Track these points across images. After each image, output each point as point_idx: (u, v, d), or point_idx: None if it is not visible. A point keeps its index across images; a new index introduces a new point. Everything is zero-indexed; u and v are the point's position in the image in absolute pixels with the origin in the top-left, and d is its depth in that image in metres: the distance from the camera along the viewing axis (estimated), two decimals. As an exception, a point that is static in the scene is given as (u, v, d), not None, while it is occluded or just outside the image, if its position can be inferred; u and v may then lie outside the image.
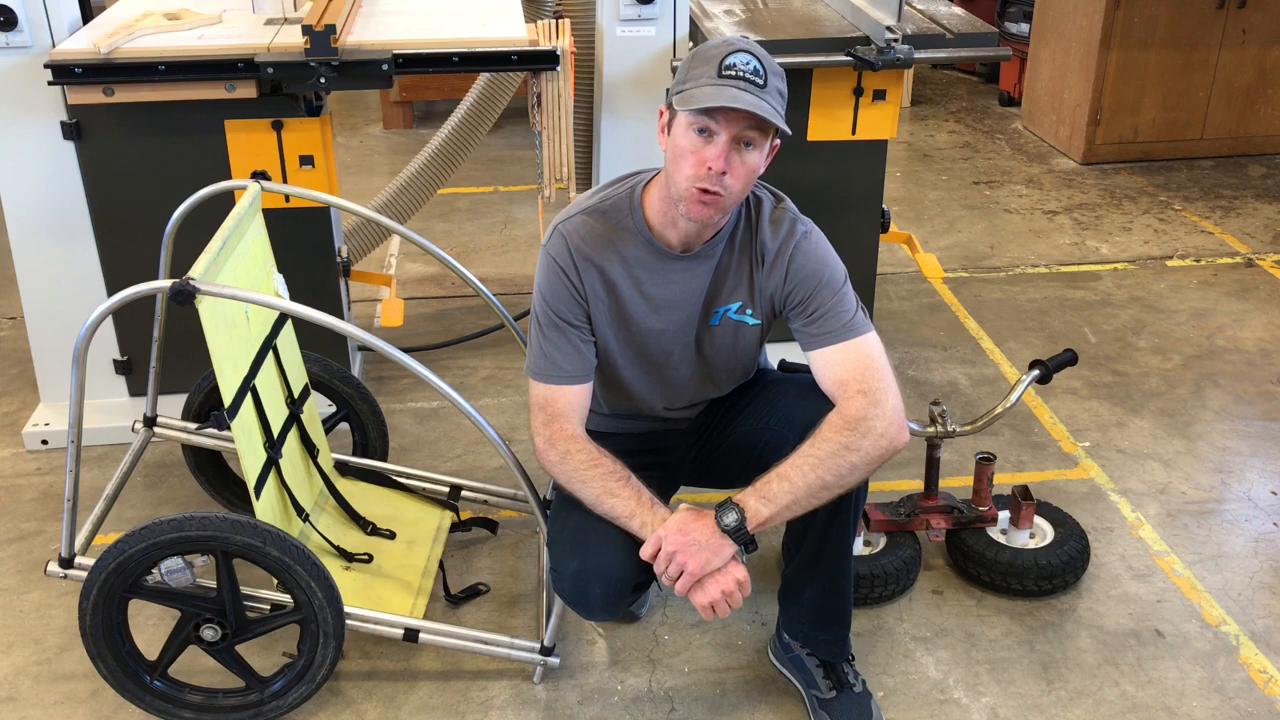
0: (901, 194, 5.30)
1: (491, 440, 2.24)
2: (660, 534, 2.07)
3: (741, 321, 2.27)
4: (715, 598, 2.08)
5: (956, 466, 3.18)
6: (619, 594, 2.18)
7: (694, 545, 2.06)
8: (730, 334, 2.29)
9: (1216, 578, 2.82)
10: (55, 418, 3.33)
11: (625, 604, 2.25)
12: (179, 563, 2.21)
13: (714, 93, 2.00)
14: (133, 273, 2.89)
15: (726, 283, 2.24)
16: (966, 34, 3.34)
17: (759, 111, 1.99)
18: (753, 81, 2.02)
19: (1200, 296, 4.30)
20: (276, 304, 2.31)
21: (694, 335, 2.28)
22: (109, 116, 2.98)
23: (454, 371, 3.74)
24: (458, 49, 2.92)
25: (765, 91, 2.02)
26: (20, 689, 2.49)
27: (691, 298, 2.23)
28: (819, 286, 2.18)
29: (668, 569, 2.07)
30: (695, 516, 2.09)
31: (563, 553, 2.19)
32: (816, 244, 2.21)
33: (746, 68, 2.02)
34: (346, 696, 2.46)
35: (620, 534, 2.14)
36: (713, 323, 2.26)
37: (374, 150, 5.90)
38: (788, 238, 2.20)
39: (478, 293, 2.82)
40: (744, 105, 1.98)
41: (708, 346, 2.30)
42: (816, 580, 2.31)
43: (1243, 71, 5.53)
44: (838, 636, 2.37)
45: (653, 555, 2.08)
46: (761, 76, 2.03)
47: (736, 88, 2.00)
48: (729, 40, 2.09)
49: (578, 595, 2.18)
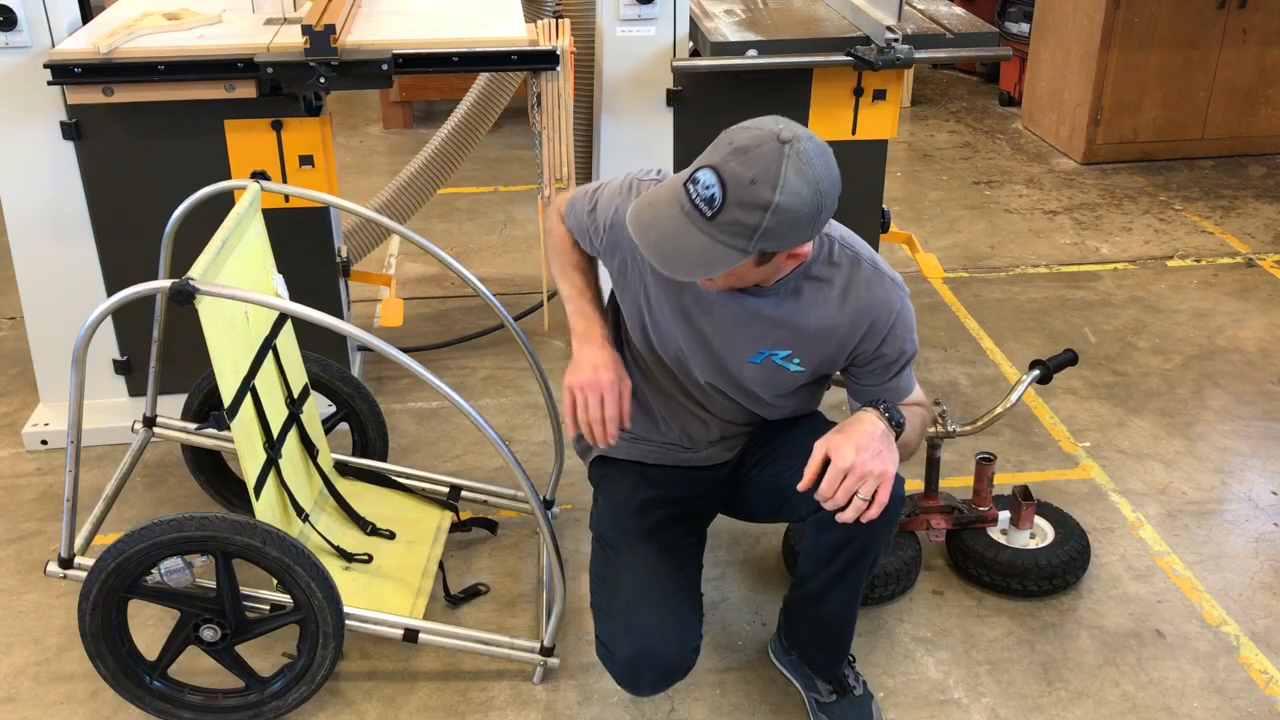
0: (901, 194, 5.30)
1: (491, 440, 2.24)
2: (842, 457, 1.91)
3: (783, 367, 2.15)
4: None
5: (956, 466, 3.18)
6: (673, 678, 2.17)
7: (882, 450, 1.93)
8: (767, 375, 2.18)
9: (1217, 578, 2.82)
10: (55, 418, 3.33)
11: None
12: (178, 563, 2.21)
13: (646, 206, 1.85)
14: (132, 273, 2.89)
15: (788, 328, 2.10)
16: (966, 34, 3.34)
17: (652, 259, 1.83)
18: (699, 209, 1.78)
19: (1200, 296, 4.30)
20: (276, 304, 2.31)
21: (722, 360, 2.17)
22: (109, 116, 2.97)
23: (454, 371, 3.74)
24: (458, 49, 2.92)
25: (711, 224, 1.78)
26: (20, 689, 2.49)
27: (739, 330, 2.12)
28: (901, 356, 2.14)
29: (860, 488, 1.91)
30: (859, 423, 1.96)
31: (615, 633, 2.14)
32: (911, 315, 2.14)
33: (703, 192, 1.78)
34: (346, 697, 2.46)
35: (677, 608, 2.11)
36: (753, 360, 2.14)
37: (374, 150, 5.90)
38: (887, 305, 2.10)
39: (477, 293, 2.81)
40: (644, 247, 1.83)
41: (738, 375, 2.19)
42: (822, 614, 2.28)
43: (1243, 71, 5.53)
44: (833, 659, 2.35)
45: (570, 404, 2.12)
46: (714, 206, 1.77)
47: (679, 207, 1.80)
48: (735, 142, 1.79)
49: (629, 678, 2.16)
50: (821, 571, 2.19)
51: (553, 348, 3.85)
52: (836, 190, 1.87)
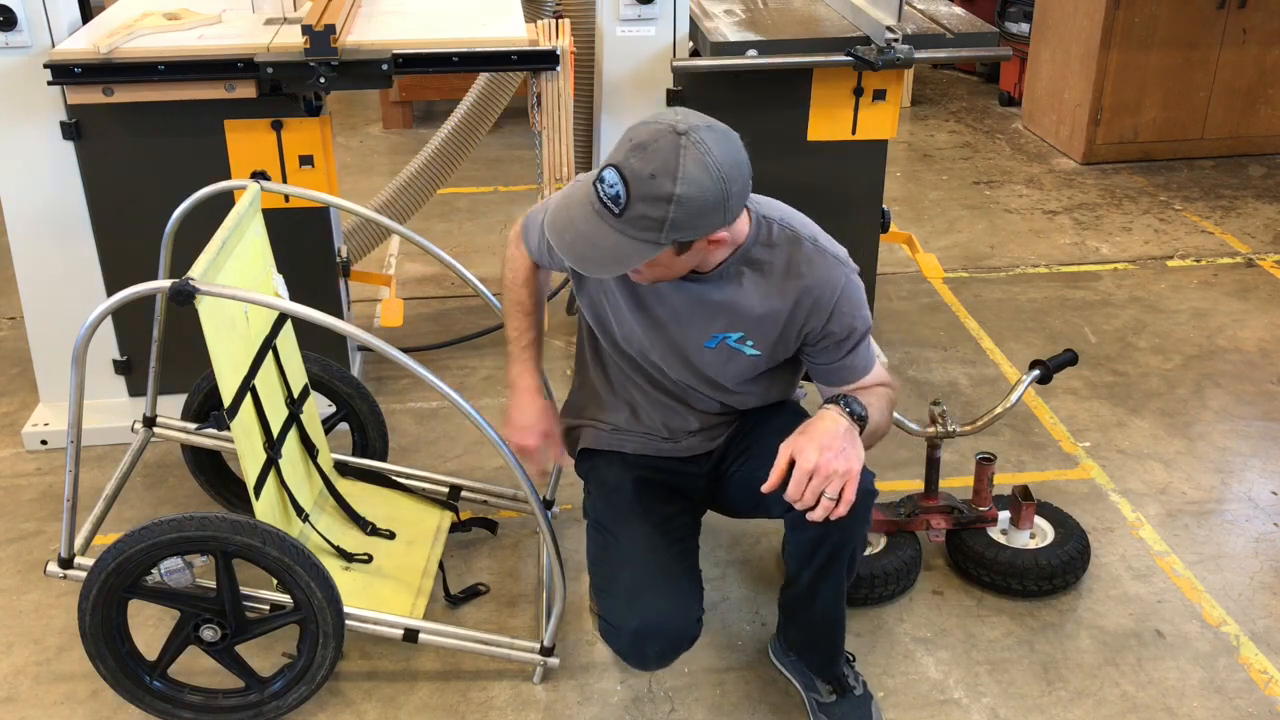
0: (901, 194, 5.30)
1: (491, 440, 2.24)
2: (803, 456, 1.92)
3: (739, 350, 2.17)
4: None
5: (957, 466, 3.18)
6: (679, 649, 2.19)
7: (845, 448, 1.94)
8: (724, 359, 2.20)
9: (1217, 578, 2.82)
10: (55, 418, 3.33)
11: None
12: (178, 563, 2.21)
13: (562, 208, 1.91)
14: (132, 273, 2.88)
15: (733, 311, 2.12)
16: (966, 34, 3.34)
17: (568, 259, 1.88)
18: (607, 207, 1.83)
19: (1200, 296, 4.30)
20: (276, 304, 2.31)
21: (681, 347, 2.19)
22: (109, 116, 2.97)
23: (454, 371, 3.74)
24: (457, 49, 2.92)
25: (620, 220, 1.82)
26: (20, 689, 2.49)
27: (690, 315, 2.15)
28: (852, 333, 2.12)
29: (826, 488, 1.92)
30: (820, 421, 1.97)
31: (619, 609, 2.14)
32: (859, 290, 2.13)
33: (608, 190, 1.82)
34: (346, 696, 2.46)
35: (677, 580, 2.13)
36: (708, 344, 2.17)
37: (374, 150, 5.90)
38: (830, 282, 2.09)
39: (477, 293, 2.82)
40: (560, 248, 1.88)
41: (698, 361, 2.21)
42: (811, 613, 2.30)
43: (1243, 71, 5.53)
44: (828, 658, 2.36)
45: (514, 441, 2.24)
46: (620, 203, 1.81)
47: (591, 207, 1.86)
48: (634, 139, 1.83)
49: (635, 651, 2.17)
50: (805, 570, 2.21)
51: (552, 347, 3.85)
52: (743, 173, 1.88)
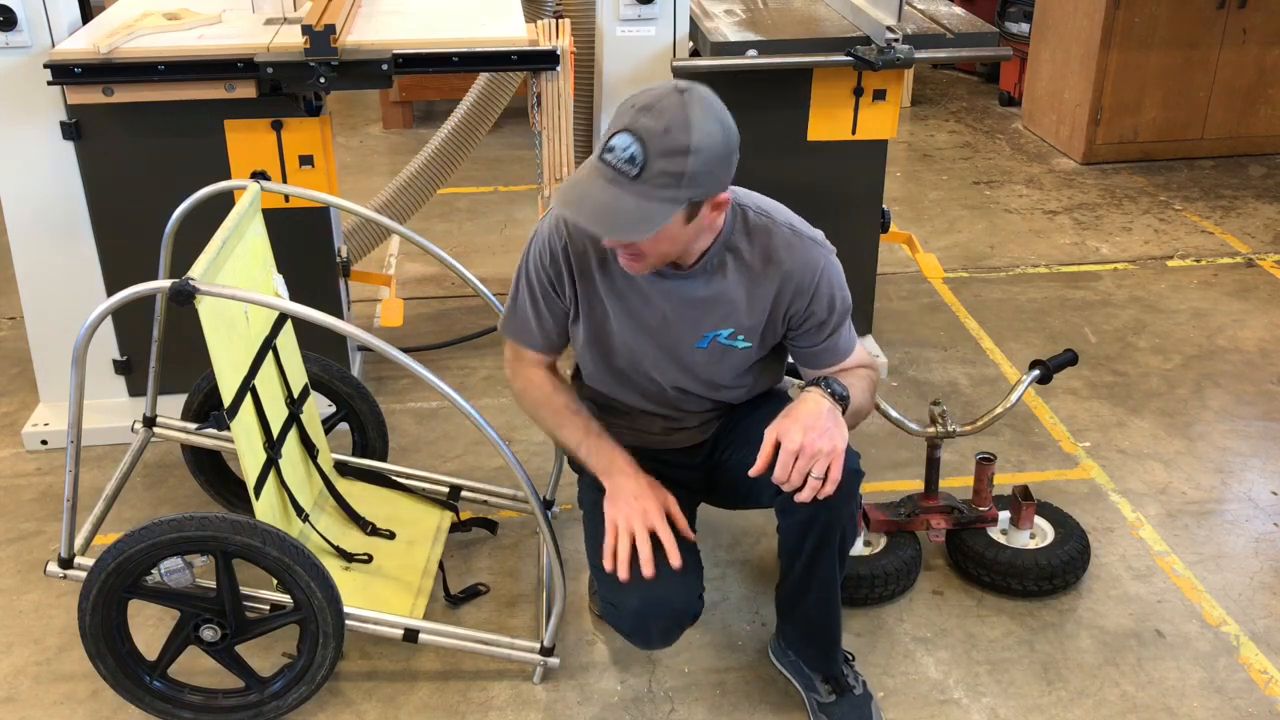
0: (901, 194, 5.30)
1: (491, 440, 2.24)
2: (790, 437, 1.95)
3: (730, 346, 2.20)
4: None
5: (957, 466, 3.18)
6: (682, 625, 2.19)
7: (829, 428, 1.97)
8: (716, 356, 2.22)
9: (1217, 578, 2.82)
10: (55, 418, 3.33)
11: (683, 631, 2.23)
12: (178, 563, 2.21)
13: (570, 187, 1.89)
14: (132, 273, 2.88)
15: (721, 304, 2.15)
16: (966, 34, 3.34)
17: (593, 229, 1.88)
18: (623, 172, 1.83)
19: (1200, 296, 4.30)
20: (276, 304, 2.31)
21: (675, 350, 2.21)
22: (109, 116, 2.97)
23: (454, 371, 3.74)
24: (457, 49, 2.92)
25: (638, 182, 1.82)
26: (20, 689, 2.49)
27: (679, 318, 2.16)
28: (834, 313, 2.16)
29: (813, 468, 1.95)
30: (803, 403, 2.01)
31: (620, 588, 2.14)
32: (838, 270, 2.16)
33: (623, 155, 1.82)
34: (346, 696, 2.46)
35: (681, 558, 2.12)
36: (700, 345, 2.19)
37: (374, 150, 5.90)
38: (809, 264, 2.12)
39: (478, 293, 2.82)
40: (581, 220, 1.88)
41: (690, 362, 2.23)
42: (806, 606, 2.30)
43: (1243, 71, 5.53)
44: (825, 653, 2.36)
45: (611, 540, 2.11)
46: (637, 163, 1.82)
47: (603, 178, 1.85)
48: (637, 104, 1.86)
49: (638, 630, 2.18)
50: (797, 561, 2.22)
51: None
52: (735, 127, 1.93)
